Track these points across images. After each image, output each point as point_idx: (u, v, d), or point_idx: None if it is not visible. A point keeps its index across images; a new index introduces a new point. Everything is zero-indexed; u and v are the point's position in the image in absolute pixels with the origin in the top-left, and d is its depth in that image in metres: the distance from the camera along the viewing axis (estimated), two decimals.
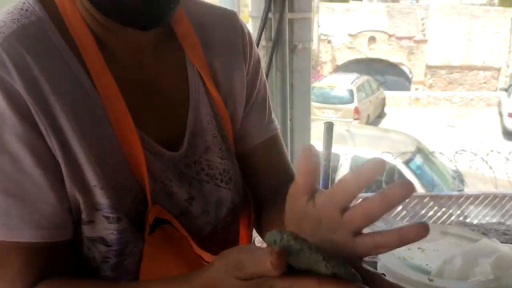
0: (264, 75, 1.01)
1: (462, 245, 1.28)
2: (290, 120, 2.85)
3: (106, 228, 0.76)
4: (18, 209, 0.70)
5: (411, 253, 1.33)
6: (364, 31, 19.78)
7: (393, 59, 19.66)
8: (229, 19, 0.95)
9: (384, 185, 6.42)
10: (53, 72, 0.73)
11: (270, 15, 2.71)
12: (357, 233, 0.56)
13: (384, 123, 15.01)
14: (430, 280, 1.07)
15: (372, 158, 0.55)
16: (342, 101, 14.26)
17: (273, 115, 1.02)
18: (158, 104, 0.84)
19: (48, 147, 0.71)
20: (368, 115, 14.72)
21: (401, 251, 1.32)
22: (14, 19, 0.74)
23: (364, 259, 0.59)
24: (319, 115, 13.74)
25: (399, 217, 6.05)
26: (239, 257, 0.57)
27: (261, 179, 0.99)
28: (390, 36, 19.87)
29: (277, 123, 1.03)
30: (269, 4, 2.65)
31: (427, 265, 1.31)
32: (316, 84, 15.73)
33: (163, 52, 0.86)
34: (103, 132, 0.76)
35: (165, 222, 0.82)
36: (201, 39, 0.89)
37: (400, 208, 6.06)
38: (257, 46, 2.70)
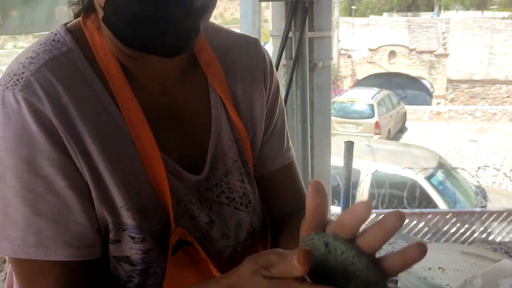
0: (283, 103, 1.03)
1: (483, 266, 1.28)
2: (310, 137, 2.87)
3: (131, 247, 0.79)
4: (50, 230, 0.73)
5: (432, 273, 1.33)
6: (384, 45, 19.76)
7: (414, 73, 19.59)
8: (252, 47, 0.97)
9: (406, 201, 6.39)
10: (82, 99, 0.76)
11: (290, 34, 2.74)
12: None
13: (405, 138, 14.92)
14: None
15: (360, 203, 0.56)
16: (363, 116, 14.22)
17: (290, 143, 1.04)
18: (181, 128, 0.87)
19: (78, 170, 0.75)
20: (389, 130, 14.64)
21: (422, 270, 1.33)
22: (46, 50, 0.78)
23: None
24: (340, 130, 13.72)
25: (421, 233, 6.00)
26: (268, 257, 0.60)
27: (276, 203, 1.01)
28: (411, 50, 19.81)
29: (293, 151, 1.05)
30: (289, 23, 2.69)
31: (447, 285, 1.31)
32: (336, 99, 15.72)
33: (186, 79, 0.89)
34: (128, 156, 0.79)
35: (188, 243, 0.85)
36: (224, 66, 0.92)
37: (422, 224, 6.02)
38: (278, 65, 2.74)
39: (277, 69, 2.80)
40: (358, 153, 7.97)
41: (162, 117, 0.85)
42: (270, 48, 2.99)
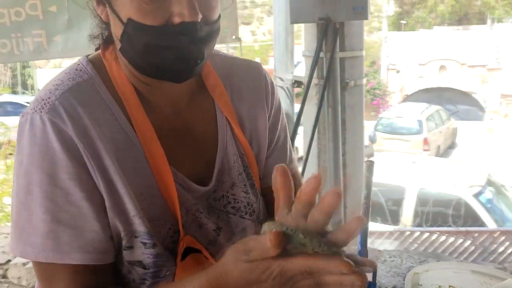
0: (285, 120, 1.13)
1: (493, 284, 1.30)
2: (342, 155, 2.91)
3: (144, 252, 0.88)
4: (67, 236, 0.83)
5: None
6: (434, 60, 19.42)
7: (465, 88, 19.12)
8: (253, 70, 1.08)
9: (451, 218, 6.26)
10: (101, 120, 0.87)
11: (321, 54, 2.81)
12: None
13: (455, 154, 14.54)
14: None
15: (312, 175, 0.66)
16: (411, 132, 13.97)
17: (294, 156, 1.14)
18: (190, 145, 0.97)
19: (95, 184, 0.85)
20: (439, 146, 14.32)
21: (432, 287, 1.36)
22: (70, 78, 0.90)
23: None
24: (387, 146, 13.54)
25: (467, 252, 5.85)
26: (246, 243, 0.68)
27: None
28: (462, 64, 19.37)
29: (296, 163, 1.15)
30: (320, 44, 2.76)
31: None
32: (383, 115, 15.54)
33: (195, 101, 0.99)
34: (141, 171, 0.89)
35: (197, 251, 0.93)
36: (229, 89, 1.03)
37: (468, 243, 5.87)
38: (309, 84, 2.81)
39: (308, 88, 2.86)
40: (404, 170, 7.88)
41: (173, 135, 0.95)
42: (303, 68, 3.06)
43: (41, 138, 0.83)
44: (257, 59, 21.98)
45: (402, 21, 25.41)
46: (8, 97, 12.40)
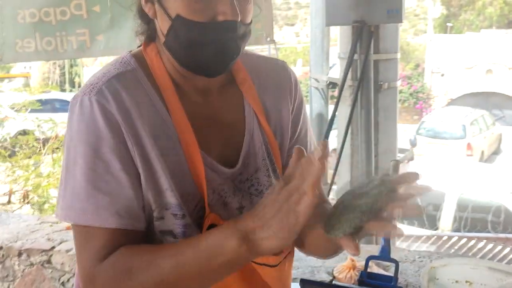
0: (307, 115, 1.23)
1: (509, 282, 1.34)
2: (375, 156, 2.95)
3: (174, 223, 0.98)
4: (105, 202, 0.94)
5: (459, 286, 1.41)
6: (481, 63, 18.98)
7: None
8: (279, 67, 1.19)
9: (490, 225, 6.16)
10: (141, 104, 0.99)
11: (356, 56, 2.86)
12: None
13: (499, 160, 14.19)
14: None
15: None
16: (454, 136, 13.74)
17: (314, 145, 1.24)
18: (219, 132, 1.07)
19: (132, 159, 0.96)
20: (482, 152, 14.02)
21: (449, 283, 1.41)
22: (116, 68, 1.02)
23: None
24: (429, 150, 13.34)
25: (507, 259, 5.73)
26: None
27: None
28: (510, 68, 18.86)
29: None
30: (354, 46, 2.81)
31: None
32: (426, 118, 15.31)
33: (225, 94, 1.10)
34: (174, 152, 1.00)
35: None
36: (256, 83, 1.13)
37: (508, 250, 5.76)
38: (343, 85, 2.86)
39: (342, 89, 2.92)
40: (445, 175, 7.78)
41: (204, 123, 1.05)
42: (338, 69, 3.12)
43: (88, 116, 0.95)
44: (299, 61, 21.97)
45: (448, 24, 24.92)
46: (56, 95, 12.80)
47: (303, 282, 1.28)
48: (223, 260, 0.86)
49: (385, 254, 1.43)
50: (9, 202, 5.12)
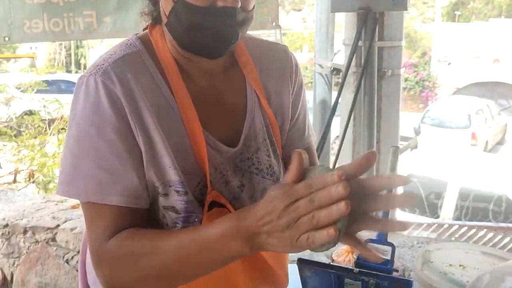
0: (306, 99, 1.27)
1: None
2: (376, 142, 2.98)
3: (177, 199, 1.02)
4: (108, 180, 0.97)
5: (453, 269, 1.45)
6: (488, 52, 18.86)
7: None
8: (281, 51, 1.22)
9: (491, 214, 6.19)
10: (145, 85, 1.02)
11: (360, 43, 2.87)
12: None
13: (503, 150, 14.17)
14: None
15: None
16: (459, 126, 13.71)
17: (312, 131, 1.28)
18: (222, 113, 1.11)
19: (135, 139, 0.99)
20: (487, 142, 14.00)
21: (443, 266, 1.44)
22: (122, 50, 1.05)
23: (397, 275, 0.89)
24: (433, 139, 13.33)
25: (506, 248, 5.77)
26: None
27: None
28: None
29: (313, 137, 1.29)
30: (359, 33, 2.82)
31: (467, 281, 1.42)
32: (431, 107, 15.27)
33: (228, 76, 1.13)
34: (177, 131, 1.03)
35: (222, 205, 1.06)
36: (258, 66, 1.16)
37: (508, 239, 5.79)
38: (347, 72, 2.88)
39: (346, 76, 2.94)
40: (448, 164, 7.79)
41: (207, 104, 1.08)
42: (342, 56, 3.13)
43: (93, 97, 0.98)
44: (305, 46, 21.87)
45: (456, 12, 24.72)
46: (62, 76, 12.82)
47: (300, 261, 1.32)
48: (226, 256, 0.88)
49: (382, 238, 1.46)
50: (14, 181, 5.18)
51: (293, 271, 1.33)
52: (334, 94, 3.41)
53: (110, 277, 0.97)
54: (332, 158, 3.38)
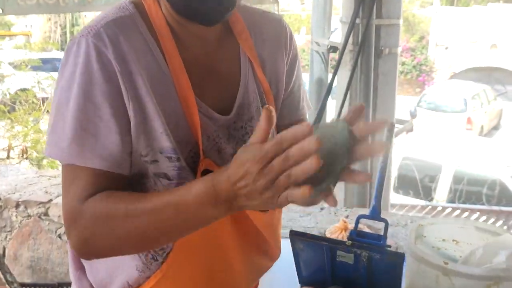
0: (301, 69, 1.26)
1: None
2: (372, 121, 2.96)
3: (168, 166, 1.01)
4: (90, 143, 0.95)
5: (446, 244, 1.43)
6: (486, 37, 18.79)
7: None
8: (276, 21, 1.21)
9: (485, 197, 6.22)
10: (138, 49, 0.99)
11: (357, 21, 2.84)
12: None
13: (499, 135, 14.21)
14: (445, 263, 1.19)
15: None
16: (455, 110, 13.70)
17: (306, 103, 1.27)
18: (215, 81, 1.09)
19: (124, 104, 0.97)
20: (482, 126, 14.00)
21: (436, 241, 1.43)
22: (114, 12, 1.02)
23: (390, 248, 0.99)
24: (428, 122, 13.34)
25: None
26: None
27: None
28: None
29: (307, 109, 1.28)
30: (357, 10, 2.79)
31: (460, 256, 1.41)
32: (428, 91, 15.26)
33: (222, 44, 1.11)
34: (170, 97, 1.01)
35: None
36: (253, 35, 1.15)
37: (500, 223, 5.83)
38: (344, 49, 2.85)
39: (343, 53, 2.91)
40: (443, 148, 7.81)
41: (200, 71, 1.07)
42: (340, 34, 3.10)
43: (83, 58, 0.95)
44: (303, 29, 21.74)
45: None
46: (57, 54, 12.72)
47: (292, 233, 1.31)
48: (204, 220, 0.89)
49: (375, 214, 1.45)
50: (8, 157, 5.16)
51: (284, 244, 1.33)
52: (330, 76, 3.40)
53: (83, 240, 0.96)
54: None
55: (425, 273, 1.24)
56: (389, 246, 1.42)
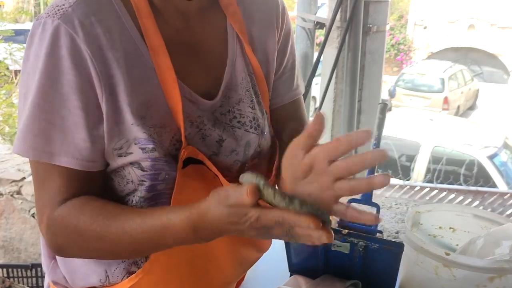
0: (294, 46, 1.15)
1: (492, 228, 1.31)
2: (358, 101, 2.90)
3: (142, 157, 0.90)
4: (58, 139, 0.86)
5: (442, 232, 1.39)
6: (464, 18, 18.87)
7: (492, 49, 18.63)
8: None
9: (462, 178, 6.25)
10: (112, 29, 0.88)
11: None
12: (337, 179, 0.71)
13: (474, 115, 14.36)
14: (447, 254, 1.13)
15: (361, 129, 0.69)
16: (432, 90, 13.77)
17: (300, 82, 1.17)
18: (199, 60, 0.98)
19: (96, 96, 0.86)
20: (458, 106, 14.13)
21: (433, 229, 1.38)
22: None
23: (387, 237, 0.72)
24: (406, 102, 13.41)
25: None
26: (227, 190, 0.74)
27: (284, 132, 1.13)
28: (492, 25, 18.80)
29: (302, 89, 1.18)
30: None
31: (457, 245, 1.36)
32: (406, 70, 15.30)
33: (207, 18, 1.00)
34: (148, 80, 0.91)
35: (199, 162, 0.96)
36: (242, 8, 1.04)
37: (477, 203, 5.88)
38: (331, 26, 2.76)
39: (330, 30, 2.82)
40: (421, 127, 7.83)
41: (182, 49, 0.96)
42: (327, 10, 3.01)
43: (50, 43, 0.84)
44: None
45: None
46: (29, 26, 12.37)
47: None
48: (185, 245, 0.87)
49: (366, 198, 1.39)
50: None
51: None
52: (316, 55, 3.31)
53: (55, 244, 0.92)
54: (311, 119, 3.30)
55: (423, 264, 1.19)
56: (381, 232, 1.36)
